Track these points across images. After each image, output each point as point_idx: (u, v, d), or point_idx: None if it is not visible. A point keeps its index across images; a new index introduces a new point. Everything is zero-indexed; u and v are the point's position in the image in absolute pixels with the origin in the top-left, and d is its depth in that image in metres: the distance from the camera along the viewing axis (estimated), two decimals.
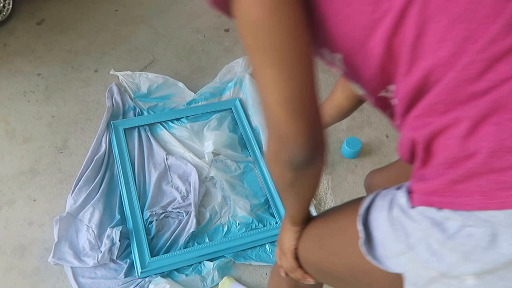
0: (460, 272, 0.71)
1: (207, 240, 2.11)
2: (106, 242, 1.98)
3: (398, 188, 0.86)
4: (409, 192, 0.81)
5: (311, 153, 0.81)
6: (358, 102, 1.59)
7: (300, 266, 1.18)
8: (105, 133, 2.40)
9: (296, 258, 1.18)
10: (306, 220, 1.13)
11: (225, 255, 2.06)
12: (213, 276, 1.99)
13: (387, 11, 0.71)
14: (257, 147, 2.41)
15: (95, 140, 2.37)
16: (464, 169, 0.69)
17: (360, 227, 0.88)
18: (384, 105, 0.90)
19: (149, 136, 2.44)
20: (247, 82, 2.66)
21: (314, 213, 2.19)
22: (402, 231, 0.80)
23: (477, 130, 0.68)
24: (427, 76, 0.71)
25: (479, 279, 0.70)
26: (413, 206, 0.78)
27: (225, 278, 1.99)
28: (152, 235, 2.10)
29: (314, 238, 1.11)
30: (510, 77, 0.65)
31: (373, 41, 0.74)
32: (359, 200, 0.93)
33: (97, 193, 2.18)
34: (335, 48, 0.82)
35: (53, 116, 2.52)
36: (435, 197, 0.73)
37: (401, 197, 0.82)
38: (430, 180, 0.75)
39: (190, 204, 2.16)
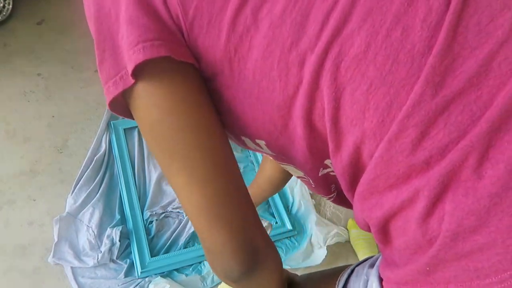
0: None
1: None
2: (106, 242, 1.99)
3: (371, 266, 0.81)
4: (380, 280, 0.76)
5: (246, 264, 0.72)
6: (289, 174, 1.44)
7: None
8: (105, 133, 2.41)
9: None
10: None
11: None
12: (213, 276, 2.00)
13: (298, 86, 0.63)
14: None
15: (95, 140, 2.37)
16: (430, 256, 0.62)
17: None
18: (326, 183, 0.82)
19: None
20: None
21: (313, 213, 2.20)
22: None
23: (434, 211, 0.60)
24: (358, 151, 0.65)
25: None
26: None
27: None
28: (152, 235, 2.10)
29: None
30: (448, 145, 0.58)
31: (292, 121, 0.67)
32: (336, 276, 0.89)
33: (97, 193, 2.18)
34: (255, 135, 0.74)
35: (53, 116, 2.52)
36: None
37: (373, 283, 0.77)
38: (398, 267, 0.69)
39: None
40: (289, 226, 2.15)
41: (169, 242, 2.08)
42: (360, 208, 0.70)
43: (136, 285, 1.94)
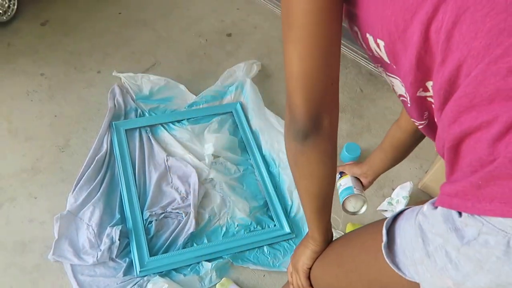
0: (473, 283, 0.70)
1: (205, 241, 2.13)
2: (105, 240, 2.00)
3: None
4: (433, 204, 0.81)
5: (310, 125, 0.87)
6: (413, 141, 1.51)
7: (310, 285, 1.19)
8: (107, 134, 2.42)
9: (308, 277, 1.20)
10: (326, 242, 1.15)
11: (223, 256, 2.08)
12: (211, 277, 2.01)
13: None
14: (257, 150, 2.43)
15: (96, 140, 2.39)
16: (486, 172, 0.67)
17: (384, 231, 0.89)
18: (421, 108, 0.91)
19: (150, 137, 2.46)
20: (248, 86, 2.69)
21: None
22: (422, 237, 0.79)
23: (505, 136, 0.65)
24: (459, 69, 0.69)
25: None
26: (435, 207, 0.78)
27: (224, 280, 2.01)
28: (151, 235, 2.12)
29: (333, 257, 1.13)
30: None
31: (413, 27, 0.73)
32: (383, 220, 0.94)
33: (98, 192, 2.20)
34: (379, 34, 0.82)
35: (55, 116, 2.54)
36: (456, 199, 0.72)
37: (426, 204, 0.81)
38: (455, 182, 0.74)
39: (190, 205, 2.18)
40: (287, 229, 2.16)
41: (168, 242, 2.09)
42: (442, 126, 0.78)
43: (135, 284, 1.95)
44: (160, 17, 3.22)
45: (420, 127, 0.99)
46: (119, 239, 2.00)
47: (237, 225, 2.18)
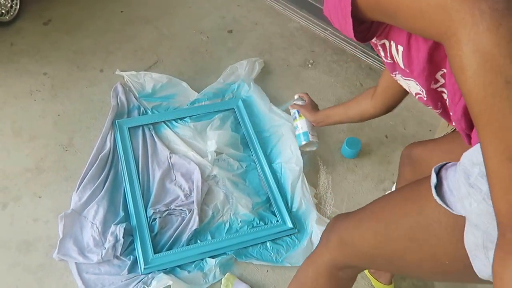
0: None
1: (209, 237, 2.14)
2: (110, 238, 2.01)
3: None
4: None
5: None
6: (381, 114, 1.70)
7: None
8: (110, 132, 2.44)
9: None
10: None
11: (227, 252, 2.09)
12: (215, 273, 2.02)
13: None
14: (259, 146, 2.44)
15: (100, 138, 2.40)
16: None
17: (433, 173, 0.95)
18: (435, 98, 1.01)
19: (153, 135, 2.47)
20: (251, 84, 2.70)
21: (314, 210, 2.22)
22: (464, 171, 0.85)
23: None
24: None
25: None
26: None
27: (228, 275, 2.02)
28: (155, 232, 2.13)
29: (369, 214, 1.17)
30: None
31: None
32: (422, 179, 1.01)
33: (102, 190, 2.21)
34: (400, 40, 0.93)
35: (58, 115, 2.55)
36: None
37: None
38: None
39: (193, 202, 2.19)
40: (290, 224, 2.17)
41: (172, 239, 2.10)
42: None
43: (139, 281, 1.96)
44: (162, 15, 3.23)
45: (437, 113, 1.11)
46: (123, 237, 2.01)
47: (240, 221, 2.19)
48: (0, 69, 2.76)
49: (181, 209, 2.20)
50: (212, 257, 2.06)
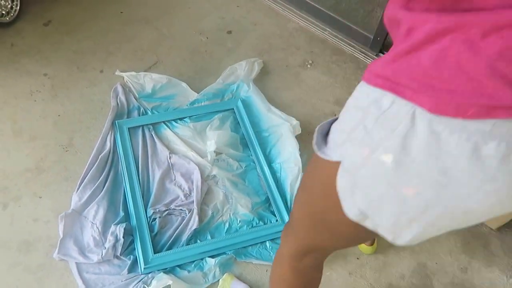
0: (384, 147, 0.78)
1: (209, 237, 2.15)
2: (110, 238, 2.02)
3: None
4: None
5: None
6: None
7: None
8: (110, 132, 2.44)
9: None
10: None
11: (227, 252, 2.10)
12: (214, 273, 2.03)
13: None
14: (258, 146, 2.45)
15: (100, 138, 2.41)
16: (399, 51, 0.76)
17: (316, 131, 0.96)
18: None
19: (153, 135, 2.47)
20: (251, 85, 2.71)
21: None
22: (347, 114, 0.89)
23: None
24: None
25: (396, 161, 0.77)
26: (363, 81, 0.85)
27: (226, 275, 2.03)
28: (155, 232, 2.14)
29: (299, 188, 1.20)
30: None
31: None
32: None
33: (102, 190, 2.22)
34: None
35: (59, 115, 2.56)
36: (380, 79, 0.79)
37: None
38: (381, 60, 0.81)
39: (193, 202, 2.20)
40: None
41: (172, 239, 2.11)
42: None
43: (139, 281, 1.97)
44: (162, 16, 3.24)
45: None
46: (123, 237, 2.02)
47: (239, 221, 2.20)
48: (0, 69, 2.76)
49: (181, 209, 2.21)
50: (212, 256, 2.07)
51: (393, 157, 0.77)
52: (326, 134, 0.98)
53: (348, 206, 0.90)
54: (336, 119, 0.97)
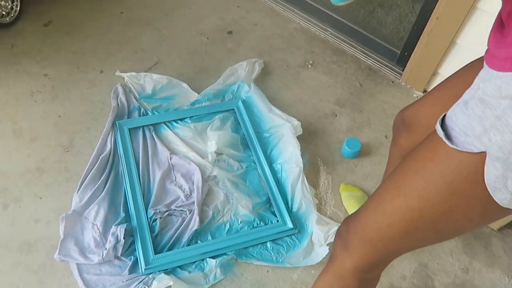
0: None
1: (209, 237, 2.15)
2: (110, 239, 2.02)
3: None
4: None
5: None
6: None
7: None
8: (111, 133, 2.44)
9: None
10: None
11: (227, 253, 2.09)
12: (215, 273, 2.03)
13: None
14: (259, 147, 2.45)
15: (100, 139, 2.41)
16: None
17: (438, 126, 0.95)
18: None
19: (154, 135, 2.47)
20: (251, 85, 2.71)
21: (314, 211, 2.23)
22: (487, 106, 0.86)
23: None
24: None
25: None
26: (491, 73, 0.85)
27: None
28: (156, 232, 2.13)
29: (387, 196, 1.10)
30: None
31: None
32: (429, 136, 1.01)
33: (102, 191, 2.22)
34: None
35: (59, 116, 2.56)
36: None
37: (478, 79, 0.90)
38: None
39: (193, 202, 2.20)
40: (290, 224, 2.18)
41: (173, 239, 2.11)
42: None
43: (140, 282, 1.96)
44: (162, 16, 3.24)
45: None
46: (124, 238, 2.01)
47: (240, 222, 2.20)
48: (0, 70, 2.77)
49: (181, 210, 2.21)
50: (213, 257, 2.07)
51: None
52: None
53: (501, 194, 0.88)
54: (444, 116, 0.97)
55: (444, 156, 0.94)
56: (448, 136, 0.94)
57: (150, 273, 2.00)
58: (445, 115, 0.98)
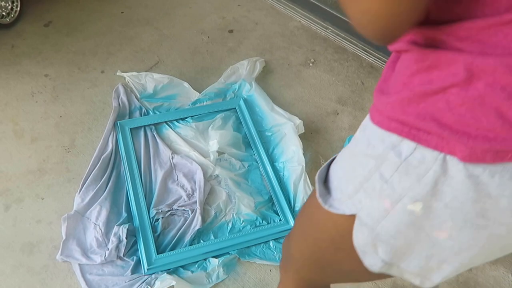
0: (410, 197, 0.72)
1: (212, 237, 2.14)
2: (113, 239, 2.01)
3: None
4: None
5: None
6: None
7: None
8: (112, 133, 2.44)
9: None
10: None
11: (230, 252, 2.09)
12: (218, 273, 2.02)
13: None
14: (261, 146, 2.44)
15: (102, 139, 2.40)
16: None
17: (316, 179, 0.90)
18: None
19: (155, 135, 2.47)
20: (253, 84, 2.71)
21: None
22: (356, 166, 0.80)
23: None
24: None
25: (426, 208, 0.71)
26: (371, 125, 0.77)
27: None
28: (158, 232, 2.13)
29: (298, 232, 1.12)
30: None
31: None
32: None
33: (104, 191, 2.22)
34: None
35: (60, 116, 2.55)
36: (394, 123, 0.71)
37: (361, 126, 0.83)
38: (388, 96, 0.73)
39: (196, 202, 2.19)
40: (292, 223, 2.17)
41: (175, 239, 2.11)
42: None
43: (143, 282, 1.96)
44: (163, 16, 3.23)
45: None
46: (126, 238, 2.01)
47: (243, 221, 2.19)
48: (1, 71, 2.76)
49: (183, 209, 2.20)
50: (215, 257, 2.07)
51: (423, 204, 0.71)
52: (324, 180, 0.92)
53: (371, 261, 0.85)
54: (333, 160, 0.92)
55: (318, 213, 0.91)
56: (327, 188, 0.90)
57: (153, 273, 1.99)
58: (333, 159, 0.93)
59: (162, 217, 2.17)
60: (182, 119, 2.56)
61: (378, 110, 0.75)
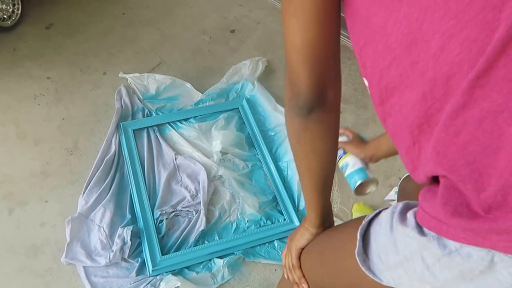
0: None
1: (216, 237, 2.14)
2: (117, 241, 2.01)
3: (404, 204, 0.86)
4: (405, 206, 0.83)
5: (315, 99, 0.86)
6: None
7: (300, 267, 1.19)
8: (115, 134, 2.43)
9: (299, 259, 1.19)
10: (324, 225, 1.11)
11: (235, 252, 2.08)
12: (223, 273, 2.01)
13: None
14: (264, 145, 2.44)
15: (105, 141, 2.40)
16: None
17: (358, 237, 0.89)
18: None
19: (158, 136, 2.46)
20: (255, 84, 2.70)
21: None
22: (400, 241, 0.80)
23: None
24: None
25: None
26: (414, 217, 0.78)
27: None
28: (162, 233, 2.13)
29: (316, 255, 1.12)
30: None
31: None
32: (363, 217, 0.93)
33: (108, 193, 2.21)
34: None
35: (63, 118, 2.55)
36: (434, 221, 0.73)
37: (409, 214, 0.81)
38: (431, 201, 0.75)
39: (200, 202, 2.19)
40: (297, 222, 2.17)
41: (179, 240, 2.10)
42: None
43: (148, 283, 1.96)
44: (164, 16, 3.23)
45: None
46: (130, 239, 2.01)
47: (247, 221, 2.19)
48: (3, 74, 2.76)
49: (187, 210, 2.20)
50: (220, 257, 2.06)
51: None
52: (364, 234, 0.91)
53: None
54: (376, 215, 0.91)
55: (348, 257, 0.91)
56: (365, 247, 0.89)
57: (158, 275, 1.99)
58: (376, 215, 0.92)
59: (166, 218, 2.17)
60: (185, 119, 2.56)
61: (431, 216, 0.75)
